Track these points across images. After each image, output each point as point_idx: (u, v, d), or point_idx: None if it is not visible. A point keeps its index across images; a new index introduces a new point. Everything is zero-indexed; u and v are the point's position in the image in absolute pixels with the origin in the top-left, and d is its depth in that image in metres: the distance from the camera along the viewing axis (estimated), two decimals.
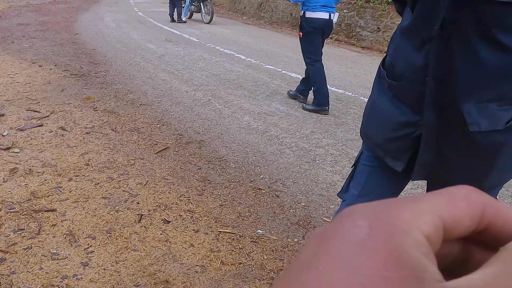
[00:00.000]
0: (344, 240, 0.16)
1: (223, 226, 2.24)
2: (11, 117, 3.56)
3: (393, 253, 0.15)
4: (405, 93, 1.13)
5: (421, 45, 1.04)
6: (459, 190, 0.19)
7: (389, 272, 0.15)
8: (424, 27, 1.03)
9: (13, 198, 2.38)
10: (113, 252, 1.99)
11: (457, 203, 0.18)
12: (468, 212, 0.18)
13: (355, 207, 0.18)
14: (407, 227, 0.16)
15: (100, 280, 1.82)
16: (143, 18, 10.80)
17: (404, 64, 1.11)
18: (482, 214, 0.18)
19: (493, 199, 0.19)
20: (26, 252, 1.96)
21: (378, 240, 0.16)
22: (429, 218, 0.17)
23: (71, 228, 2.14)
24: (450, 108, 1.05)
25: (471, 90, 1.00)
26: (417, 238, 0.16)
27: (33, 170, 2.70)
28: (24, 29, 7.91)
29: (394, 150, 1.19)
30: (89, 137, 3.27)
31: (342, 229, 0.17)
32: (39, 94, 4.20)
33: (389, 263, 0.15)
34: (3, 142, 3.09)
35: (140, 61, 5.92)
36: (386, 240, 0.16)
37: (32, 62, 5.48)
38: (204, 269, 1.92)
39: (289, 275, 0.16)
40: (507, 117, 1.02)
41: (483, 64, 0.97)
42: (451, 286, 0.15)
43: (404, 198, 0.18)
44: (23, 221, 2.18)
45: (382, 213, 0.17)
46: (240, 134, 3.51)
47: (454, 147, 1.10)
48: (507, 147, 1.06)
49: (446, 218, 0.18)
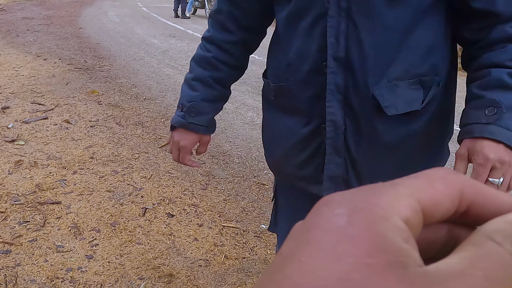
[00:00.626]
0: (324, 229, 0.16)
1: (227, 221, 2.25)
2: (16, 110, 3.57)
3: (375, 240, 0.15)
4: (298, 94, 0.96)
5: (314, 24, 0.89)
6: (436, 172, 0.18)
7: (373, 258, 0.15)
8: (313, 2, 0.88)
9: (18, 190, 2.39)
10: (118, 245, 2.00)
11: (434, 185, 0.18)
12: (446, 193, 0.18)
13: (333, 195, 0.17)
14: (386, 213, 0.16)
15: (104, 273, 1.82)
16: (147, 13, 10.80)
17: (295, 56, 0.94)
18: (461, 194, 0.18)
19: (471, 179, 0.19)
20: (31, 244, 1.97)
21: (358, 227, 0.16)
22: (406, 202, 0.17)
23: (76, 221, 2.15)
24: (357, 94, 0.89)
25: (379, 68, 0.87)
26: (397, 224, 0.16)
27: (38, 162, 2.71)
28: (29, 23, 7.92)
29: (311, 173, 1.00)
30: (93, 130, 3.28)
31: (321, 218, 0.16)
32: (44, 87, 4.21)
33: (372, 250, 0.15)
34: (8, 134, 3.10)
35: (144, 56, 5.92)
36: (367, 227, 0.16)
37: (36, 55, 5.49)
38: (208, 263, 1.93)
39: (272, 268, 0.16)
40: (420, 96, 0.91)
41: (387, 28, 0.85)
42: (431, 269, 0.15)
43: (381, 184, 0.18)
44: (28, 213, 2.19)
45: (360, 200, 0.17)
46: (243, 130, 3.51)
47: (367, 147, 0.94)
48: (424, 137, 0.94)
49: (424, 201, 0.17)
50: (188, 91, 1.11)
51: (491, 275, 0.15)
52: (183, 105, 1.10)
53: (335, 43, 0.87)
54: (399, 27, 0.85)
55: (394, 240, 0.16)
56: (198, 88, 1.09)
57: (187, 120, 1.09)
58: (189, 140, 1.12)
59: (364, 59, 0.87)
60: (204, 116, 1.11)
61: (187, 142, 1.12)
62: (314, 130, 0.96)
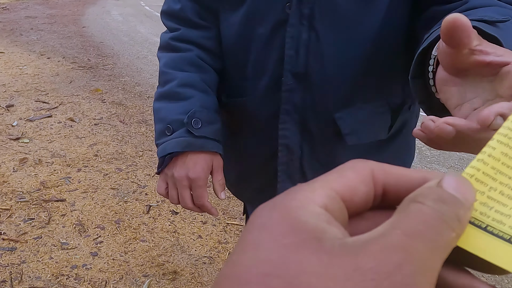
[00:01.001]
0: (249, 229, 0.18)
1: (230, 218, 2.25)
2: (20, 108, 3.58)
3: (290, 224, 0.17)
4: (254, 113, 0.83)
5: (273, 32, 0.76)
6: (346, 164, 0.20)
7: (287, 239, 0.16)
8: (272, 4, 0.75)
9: (23, 188, 2.40)
10: (122, 243, 2.00)
11: (345, 174, 0.19)
12: (358, 179, 0.19)
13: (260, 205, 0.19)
14: (302, 203, 0.18)
15: (109, 270, 1.83)
16: (149, 12, 10.80)
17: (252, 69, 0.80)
18: (373, 177, 0.20)
19: (380, 163, 0.20)
20: (36, 241, 1.97)
21: (276, 219, 0.17)
22: (321, 192, 0.18)
23: (80, 218, 2.16)
24: (316, 117, 0.78)
25: (341, 87, 0.76)
26: (313, 209, 0.17)
27: (42, 160, 2.72)
28: (32, 22, 7.94)
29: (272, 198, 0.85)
30: (97, 128, 3.29)
31: (249, 224, 0.18)
32: (48, 85, 4.22)
33: (287, 232, 0.17)
34: (13, 132, 3.11)
35: (148, 55, 5.93)
36: (283, 217, 0.17)
37: (40, 54, 5.50)
38: (212, 260, 1.93)
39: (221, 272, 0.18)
40: (388, 122, 0.80)
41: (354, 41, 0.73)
42: (351, 239, 0.17)
43: (300, 185, 0.19)
44: (33, 211, 2.20)
45: (279, 200, 0.18)
46: None
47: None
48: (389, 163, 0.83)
49: (339, 189, 0.19)
50: (175, 105, 0.80)
51: (410, 231, 0.16)
52: (175, 123, 0.78)
53: (294, 56, 0.74)
54: (368, 40, 0.73)
55: (309, 221, 0.17)
56: (190, 94, 0.81)
57: (195, 134, 0.77)
58: (202, 165, 0.78)
59: (325, 77, 0.75)
60: (213, 125, 0.80)
61: (200, 169, 0.78)
62: (273, 152, 0.83)
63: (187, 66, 0.84)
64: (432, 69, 0.45)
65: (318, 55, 0.74)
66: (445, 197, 0.18)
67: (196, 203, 0.81)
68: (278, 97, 0.78)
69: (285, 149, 0.81)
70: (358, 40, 0.73)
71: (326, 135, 0.79)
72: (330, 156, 0.81)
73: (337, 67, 0.74)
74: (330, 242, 0.16)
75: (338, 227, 0.17)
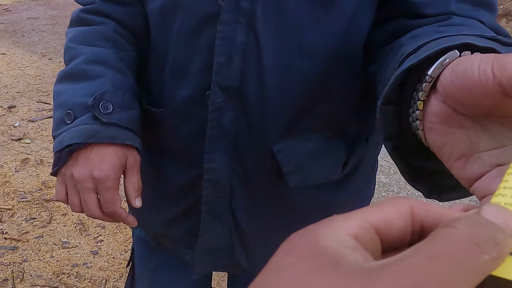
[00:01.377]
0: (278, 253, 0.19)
1: None
2: (22, 109, 3.61)
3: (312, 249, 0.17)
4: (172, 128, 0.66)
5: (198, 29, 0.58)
6: (385, 200, 0.20)
7: (307, 262, 0.17)
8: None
9: (25, 188, 2.43)
10: (122, 241, 2.03)
11: (383, 208, 0.20)
12: (397, 214, 0.19)
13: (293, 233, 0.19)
14: (331, 230, 0.18)
15: (109, 269, 1.85)
16: None
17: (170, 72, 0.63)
18: (412, 214, 0.20)
19: (420, 200, 0.20)
20: (37, 240, 2.00)
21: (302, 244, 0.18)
22: (355, 222, 0.19)
23: (81, 217, 2.19)
24: (252, 147, 0.61)
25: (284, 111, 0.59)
26: (339, 236, 0.18)
27: (44, 160, 2.75)
28: (34, 23, 7.98)
29: (183, 234, 0.72)
30: None
31: (279, 247, 0.19)
32: (49, 86, 4.25)
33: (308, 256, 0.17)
34: (15, 133, 3.14)
35: None
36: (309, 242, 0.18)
37: (42, 55, 5.54)
38: None
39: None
40: (341, 158, 0.64)
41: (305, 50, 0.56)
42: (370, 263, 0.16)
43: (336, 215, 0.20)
44: (35, 210, 2.22)
45: (312, 227, 0.19)
46: None
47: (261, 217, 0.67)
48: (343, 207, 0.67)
49: (374, 221, 0.19)
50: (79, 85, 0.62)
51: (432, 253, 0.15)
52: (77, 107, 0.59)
53: (225, 64, 0.56)
54: (324, 53, 0.56)
55: (330, 246, 0.17)
56: (100, 72, 0.62)
57: (103, 120, 0.58)
58: (111, 162, 0.58)
59: (265, 93, 0.57)
60: (128, 111, 0.61)
61: (108, 166, 0.58)
62: (191, 181, 0.67)
63: (99, 41, 0.66)
64: (423, 97, 0.33)
65: (257, 65, 0.56)
66: (482, 222, 0.17)
67: (105, 211, 0.60)
68: (203, 116, 0.60)
69: (210, 185, 0.64)
70: (311, 52, 0.56)
71: (266, 169, 0.63)
72: (268, 195, 0.65)
73: (281, 83, 0.57)
74: (346, 266, 0.16)
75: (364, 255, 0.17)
